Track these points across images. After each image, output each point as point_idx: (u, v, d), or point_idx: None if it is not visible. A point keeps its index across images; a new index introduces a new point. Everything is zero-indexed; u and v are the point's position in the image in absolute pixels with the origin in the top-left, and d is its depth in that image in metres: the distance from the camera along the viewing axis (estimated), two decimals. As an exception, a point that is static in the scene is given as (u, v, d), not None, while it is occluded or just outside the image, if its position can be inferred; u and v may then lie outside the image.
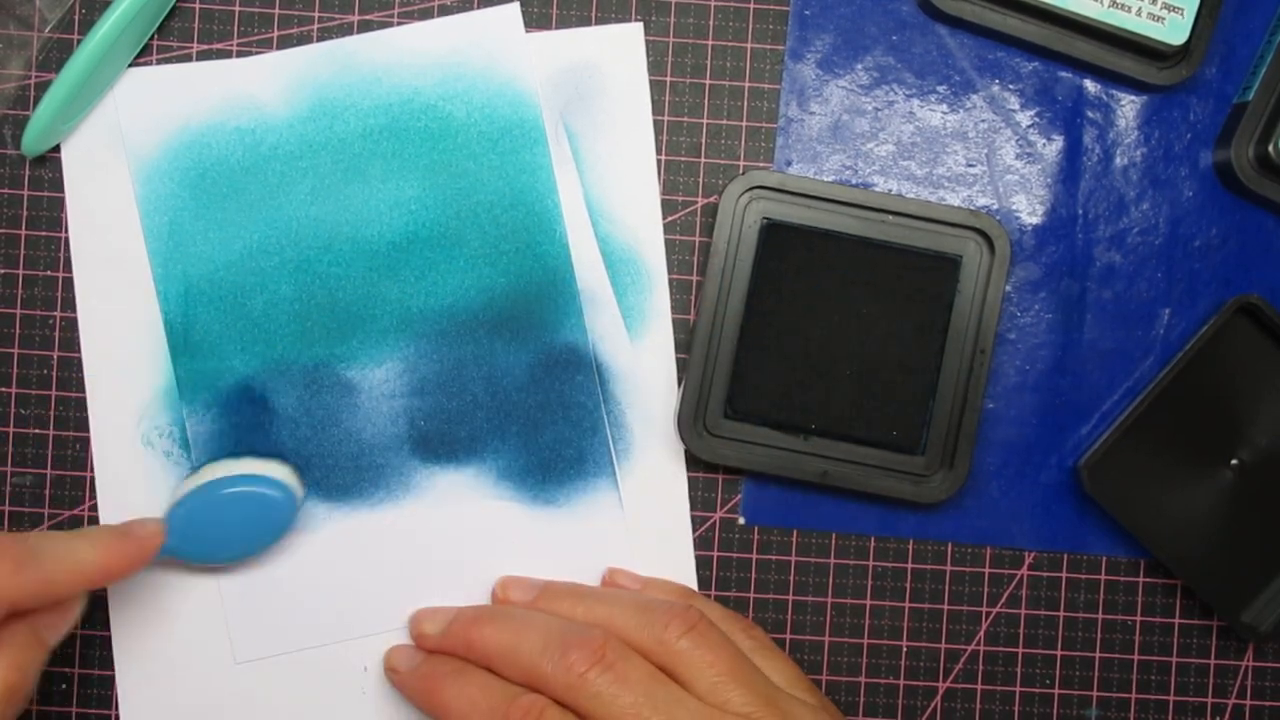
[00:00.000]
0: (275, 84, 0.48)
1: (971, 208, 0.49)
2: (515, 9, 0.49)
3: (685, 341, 0.49)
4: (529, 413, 0.48)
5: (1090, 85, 0.50)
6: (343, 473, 0.48)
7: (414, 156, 0.48)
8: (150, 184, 0.48)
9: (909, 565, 0.49)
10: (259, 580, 0.48)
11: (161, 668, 0.48)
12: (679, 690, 0.42)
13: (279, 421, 0.48)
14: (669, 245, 0.49)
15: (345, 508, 0.48)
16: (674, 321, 0.49)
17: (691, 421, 0.47)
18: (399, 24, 0.48)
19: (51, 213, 0.48)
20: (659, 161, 0.49)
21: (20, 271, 0.48)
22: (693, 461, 0.49)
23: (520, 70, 0.48)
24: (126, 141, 0.48)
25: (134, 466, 0.48)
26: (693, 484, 0.49)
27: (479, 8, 0.49)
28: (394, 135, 0.48)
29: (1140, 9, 0.47)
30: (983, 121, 0.50)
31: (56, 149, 0.48)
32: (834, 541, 0.49)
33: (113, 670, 0.48)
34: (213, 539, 0.46)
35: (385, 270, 0.48)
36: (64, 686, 0.48)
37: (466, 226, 0.48)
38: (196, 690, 0.48)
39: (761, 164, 0.49)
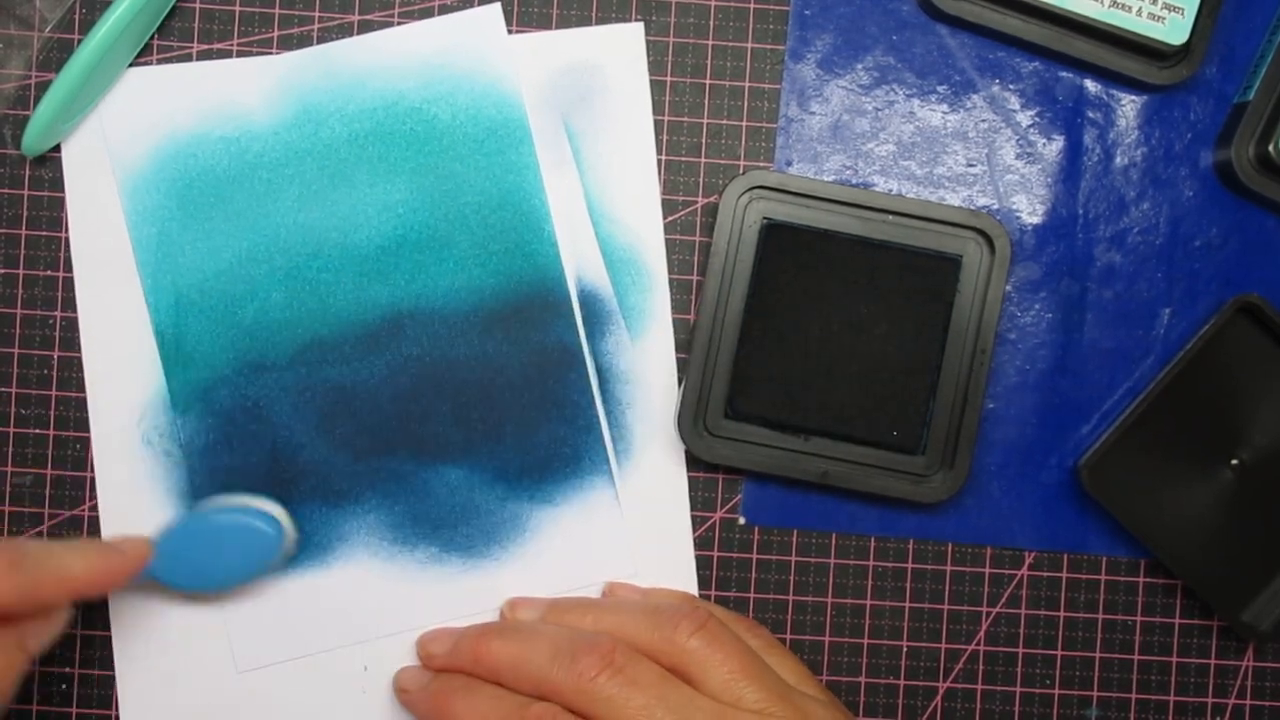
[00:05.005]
0: (259, 91, 0.48)
1: (972, 208, 0.49)
2: (496, 9, 0.48)
3: (685, 341, 0.49)
4: (523, 412, 0.48)
5: (1090, 85, 0.50)
6: (339, 478, 0.48)
7: (400, 160, 0.48)
8: (137, 196, 0.48)
9: (909, 565, 0.49)
10: (260, 589, 0.48)
11: (163, 674, 0.48)
12: (690, 690, 0.42)
13: (273, 429, 0.48)
14: (669, 245, 0.49)
15: (341, 512, 0.48)
16: (674, 321, 0.49)
17: (692, 421, 0.47)
18: (400, 24, 0.48)
19: (51, 213, 0.48)
20: (659, 161, 0.49)
21: (20, 271, 0.48)
22: (693, 461, 0.49)
23: (504, 70, 0.48)
24: (112, 155, 0.48)
25: (134, 466, 0.48)
26: (693, 484, 0.49)
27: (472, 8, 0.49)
28: (379, 139, 0.48)
29: (1140, 9, 0.47)
30: (983, 121, 0.50)
31: (56, 149, 0.48)
32: (834, 541, 0.49)
33: (113, 670, 0.48)
34: (198, 565, 0.46)
35: (375, 274, 0.48)
36: (64, 687, 0.48)
37: (455, 228, 0.48)
38: (197, 692, 0.48)
39: (761, 164, 0.49)
